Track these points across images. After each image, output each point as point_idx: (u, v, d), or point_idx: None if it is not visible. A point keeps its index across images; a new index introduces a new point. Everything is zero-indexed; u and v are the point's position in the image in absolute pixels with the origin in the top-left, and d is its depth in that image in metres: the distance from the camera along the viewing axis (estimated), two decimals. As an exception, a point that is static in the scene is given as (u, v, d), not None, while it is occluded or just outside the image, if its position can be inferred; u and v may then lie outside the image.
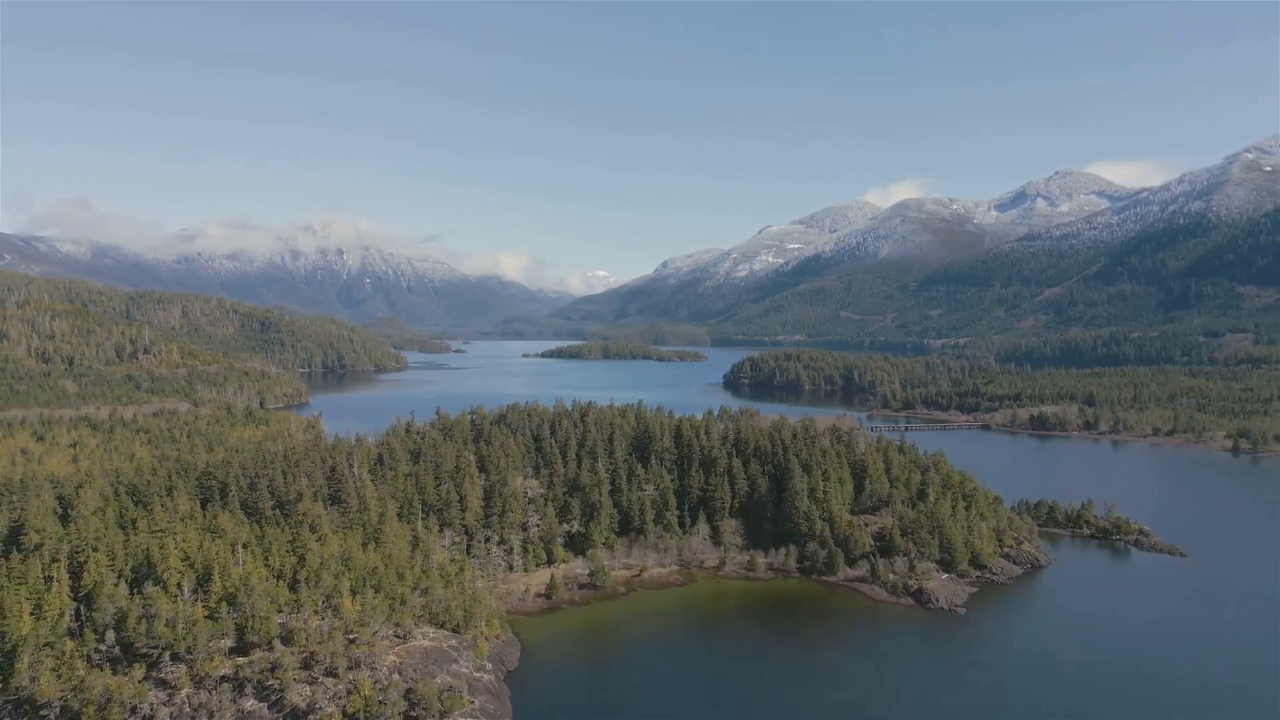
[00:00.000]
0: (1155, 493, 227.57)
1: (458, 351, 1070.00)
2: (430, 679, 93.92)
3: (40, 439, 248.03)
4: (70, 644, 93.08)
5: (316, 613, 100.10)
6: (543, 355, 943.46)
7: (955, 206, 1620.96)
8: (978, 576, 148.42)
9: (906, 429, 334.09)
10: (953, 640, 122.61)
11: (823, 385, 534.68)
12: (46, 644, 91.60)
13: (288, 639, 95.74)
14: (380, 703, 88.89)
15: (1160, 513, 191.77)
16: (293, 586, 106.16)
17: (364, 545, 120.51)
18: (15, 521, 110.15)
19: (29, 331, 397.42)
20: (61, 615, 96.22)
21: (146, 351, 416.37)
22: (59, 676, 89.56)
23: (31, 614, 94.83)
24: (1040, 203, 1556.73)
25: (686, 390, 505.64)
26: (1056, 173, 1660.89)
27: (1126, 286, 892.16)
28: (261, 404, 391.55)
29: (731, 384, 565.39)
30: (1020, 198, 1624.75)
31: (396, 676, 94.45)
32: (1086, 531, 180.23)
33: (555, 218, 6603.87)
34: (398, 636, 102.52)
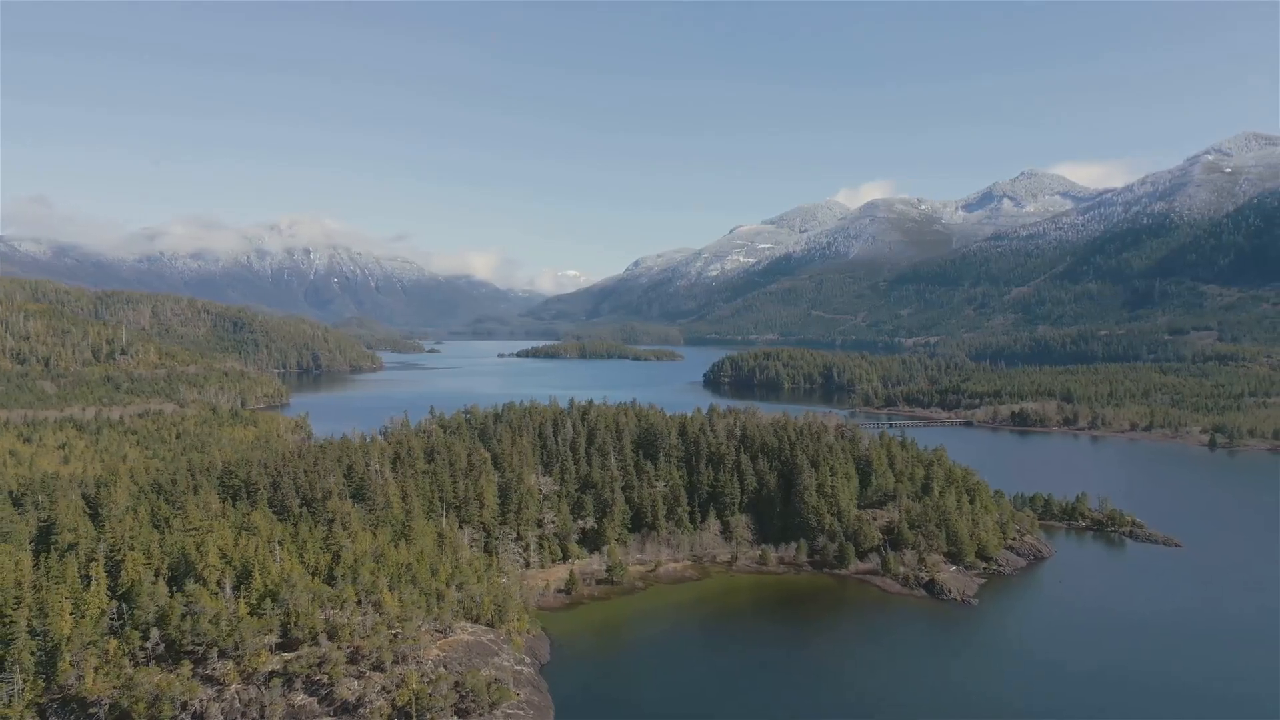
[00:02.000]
0: (1142, 486, 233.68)
1: (431, 351, 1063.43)
2: (476, 672, 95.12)
3: (27, 441, 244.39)
4: (113, 642, 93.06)
5: (360, 607, 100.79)
6: (518, 355, 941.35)
7: (924, 207, 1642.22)
8: (984, 568, 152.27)
9: (890, 426, 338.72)
10: (971, 630, 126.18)
11: (802, 384, 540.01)
12: (90, 642, 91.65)
13: (332, 634, 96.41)
14: (430, 695, 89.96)
15: (1149, 505, 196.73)
16: (329, 583, 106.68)
17: (394, 542, 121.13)
18: (45, 521, 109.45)
19: (2, 332, 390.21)
20: (102, 614, 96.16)
21: (124, 352, 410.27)
22: (107, 674, 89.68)
23: (71, 613, 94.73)
24: (1006, 203, 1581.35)
25: (668, 389, 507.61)
26: (1022, 173, 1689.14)
27: (1092, 285, 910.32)
28: (243, 404, 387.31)
29: (712, 383, 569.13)
30: (987, 198, 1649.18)
31: (443, 670, 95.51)
32: (1082, 524, 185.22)
33: (526, 216, 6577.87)
34: (438, 631, 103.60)
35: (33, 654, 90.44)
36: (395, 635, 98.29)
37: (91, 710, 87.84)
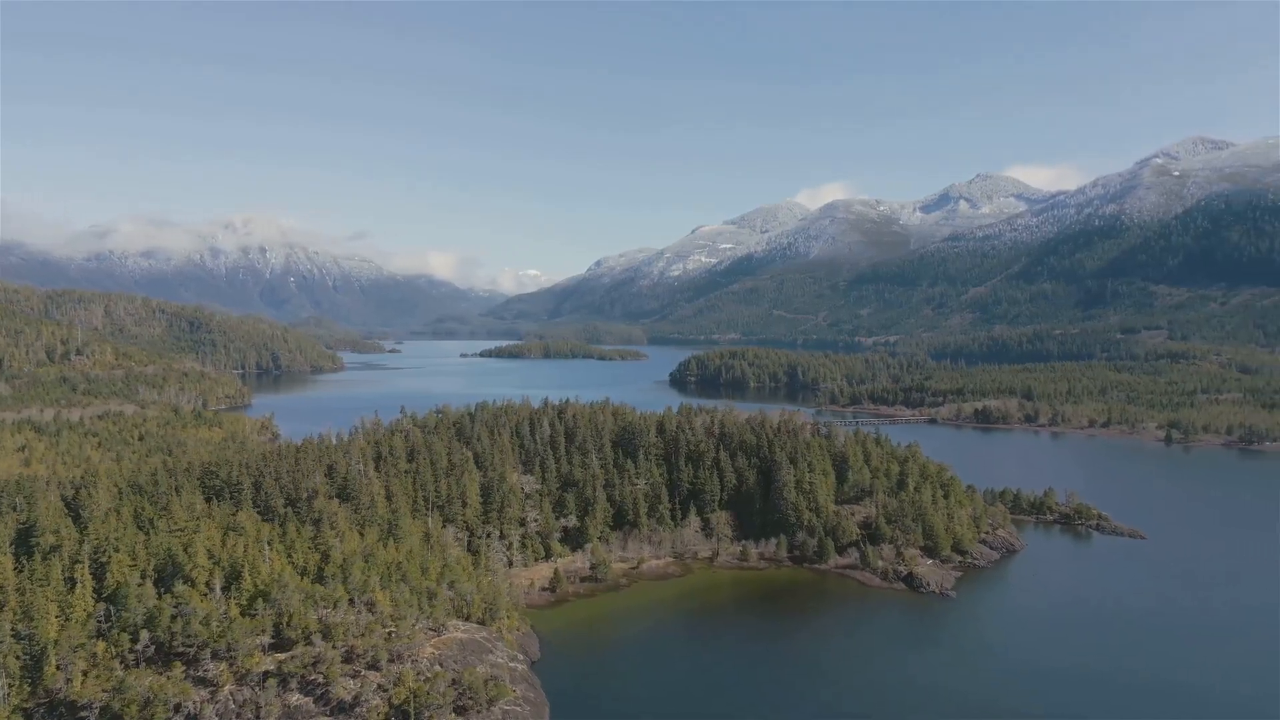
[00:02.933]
0: (1103, 480, 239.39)
1: (392, 351, 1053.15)
2: (473, 669, 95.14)
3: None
4: (100, 645, 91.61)
5: (353, 606, 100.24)
6: (481, 355, 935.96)
7: (882, 208, 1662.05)
8: (960, 561, 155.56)
9: (857, 424, 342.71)
10: (952, 623, 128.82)
11: (767, 382, 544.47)
12: (79, 645, 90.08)
13: (326, 634, 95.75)
14: (429, 693, 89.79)
15: (1111, 499, 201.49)
16: (318, 582, 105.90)
17: (381, 541, 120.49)
18: (24, 523, 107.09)
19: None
20: (89, 617, 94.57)
21: (79, 353, 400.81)
22: (98, 677, 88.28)
23: (57, 616, 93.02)
24: (963, 204, 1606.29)
25: (635, 388, 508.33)
26: (977, 175, 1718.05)
27: (1047, 286, 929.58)
28: (204, 405, 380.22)
29: (678, 382, 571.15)
30: (944, 199, 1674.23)
31: (439, 668, 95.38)
32: (1050, 517, 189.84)
33: (486, 214, 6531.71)
34: (431, 629, 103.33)
35: (18, 658, 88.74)
36: (390, 634, 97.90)
37: (82, 714, 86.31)
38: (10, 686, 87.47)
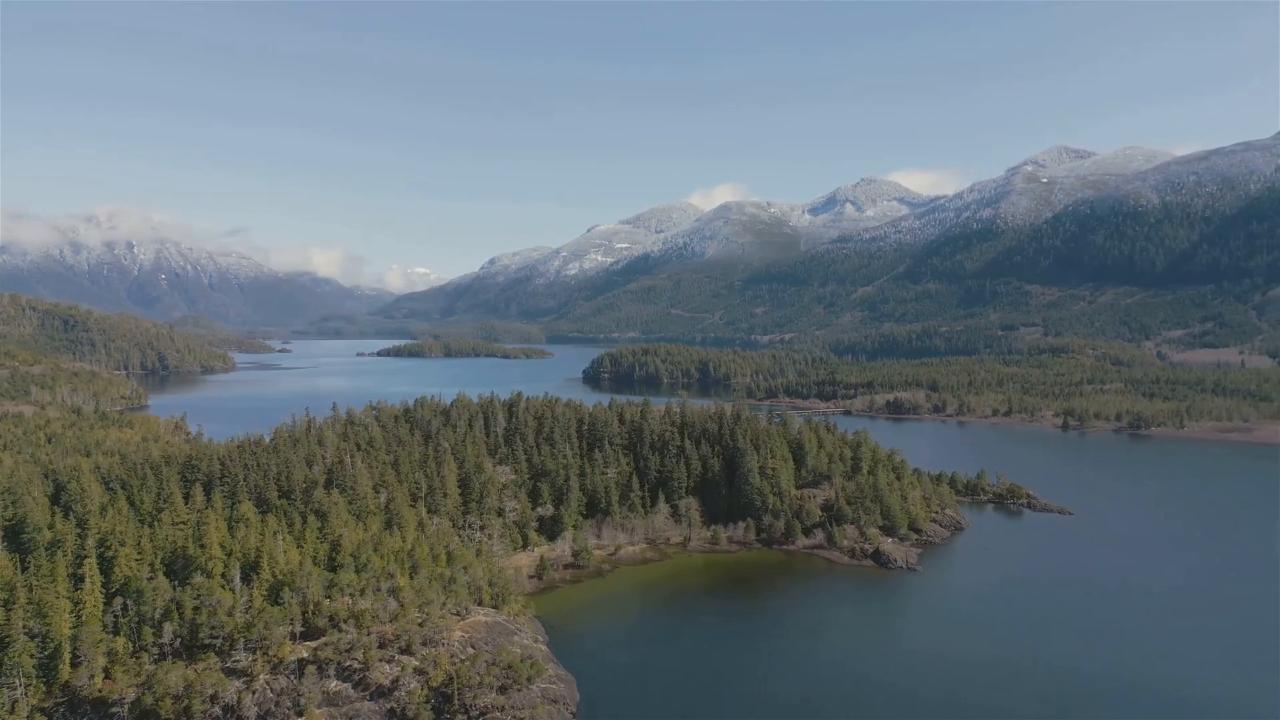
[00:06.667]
0: (1016, 463, 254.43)
1: (282, 351, 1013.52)
2: (508, 649, 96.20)
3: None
4: (119, 640, 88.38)
5: (379, 594, 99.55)
6: (379, 354, 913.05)
7: (773, 209, 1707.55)
8: (917, 538, 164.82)
9: (778, 415, 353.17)
10: (926, 594, 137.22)
11: (680, 378, 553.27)
12: (99, 641, 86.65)
13: (358, 621, 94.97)
14: (469, 673, 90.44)
15: (1030, 479, 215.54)
16: (330, 571, 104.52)
17: (385, 531, 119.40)
18: (12, 519, 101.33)
19: None
20: (105, 610, 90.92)
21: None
22: (124, 672, 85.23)
23: (70, 613, 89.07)
24: (849, 207, 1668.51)
25: (550, 384, 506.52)
26: (862, 179, 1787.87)
27: (931, 285, 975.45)
28: (99, 405, 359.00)
29: (591, 378, 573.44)
30: (831, 202, 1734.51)
31: (472, 649, 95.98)
32: (984, 497, 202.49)
33: (371, 211, 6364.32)
34: (455, 614, 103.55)
35: (32, 656, 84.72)
36: (422, 620, 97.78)
37: (113, 710, 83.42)
38: (27, 686, 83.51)
